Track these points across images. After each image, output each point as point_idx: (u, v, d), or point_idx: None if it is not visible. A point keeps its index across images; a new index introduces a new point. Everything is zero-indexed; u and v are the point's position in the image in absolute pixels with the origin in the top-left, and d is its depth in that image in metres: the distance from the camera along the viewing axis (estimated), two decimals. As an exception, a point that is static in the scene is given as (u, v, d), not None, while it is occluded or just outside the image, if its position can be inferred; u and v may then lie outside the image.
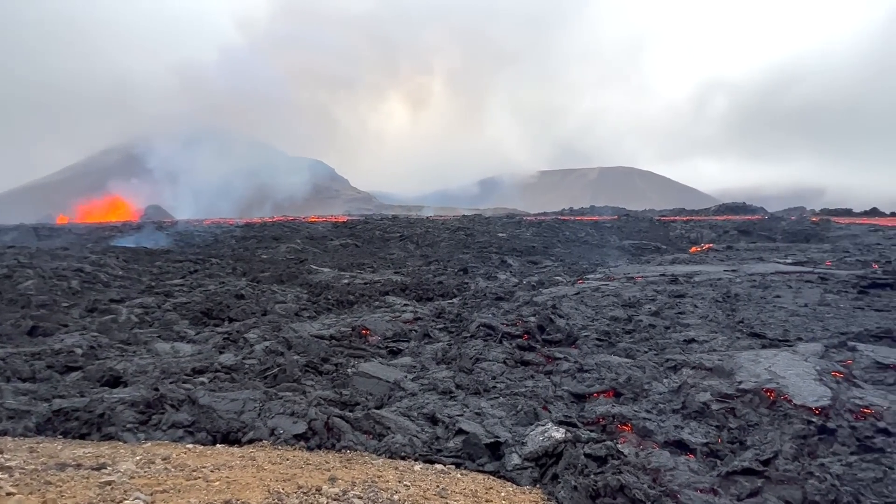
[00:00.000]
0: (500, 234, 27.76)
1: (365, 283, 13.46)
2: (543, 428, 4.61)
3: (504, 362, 6.78)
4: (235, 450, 4.60)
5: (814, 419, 4.48)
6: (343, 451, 4.71)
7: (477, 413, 5.26)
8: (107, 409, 5.11)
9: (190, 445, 4.69)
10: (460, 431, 4.89)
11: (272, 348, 7.46)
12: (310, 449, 4.70)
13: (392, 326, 8.70)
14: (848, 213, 38.33)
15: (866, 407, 4.60)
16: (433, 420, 5.21)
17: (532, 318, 8.25)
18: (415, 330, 8.67)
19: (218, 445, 4.77)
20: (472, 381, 6.16)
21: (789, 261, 14.67)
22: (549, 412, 5.34)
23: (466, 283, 13.89)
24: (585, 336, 7.78)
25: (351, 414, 5.25)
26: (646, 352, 7.04)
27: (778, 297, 9.68)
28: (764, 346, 6.68)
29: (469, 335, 7.96)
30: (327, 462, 4.37)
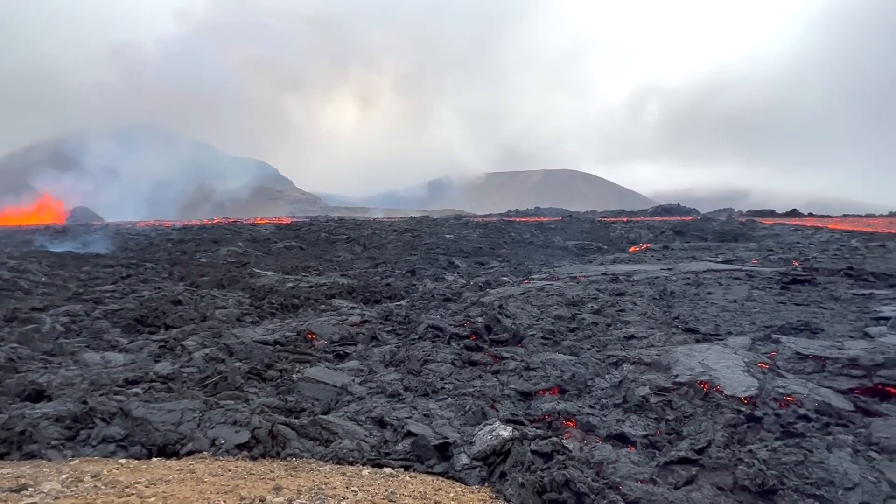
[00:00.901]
0: (448, 236, 27.90)
1: (310, 287, 13.19)
2: (491, 427, 4.67)
3: (452, 363, 6.81)
4: (173, 463, 4.40)
5: (743, 408, 4.75)
6: (289, 458, 4.59)
7: (426, 415, 5.26)
8: (28, 426, 4.76)
9: (123, 460, 4.44)
10: (409, 434, 4.88)
11: (212, 355, 7.19)
12: (253, 458, 4.56)
13: (339, 330, 8.57)
14: (771, 213, 40.94)
15: (789, 395, 4.92)
16: (381, 423, 5.16)
17: (479, 319, 8.33)
18: (362, 333, 8.57)
19: (154, 459, 4.54)
20: (420, 382, 6.15)
21: (720, 259, 15.51)
22: (497, 411, 5.40)
23: (414, 285, 13.86)
24: (531, 335, 7.93)
25: (297, 420, 5.13)
26: (589, 349, 7.25)
27: (710, 293, 10.20)
28: (698, 341, 7.02)
29: (417, 337, 7.95)
30: (272, 471, 4.24)
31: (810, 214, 40.80)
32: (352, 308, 10.75)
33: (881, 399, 5.01)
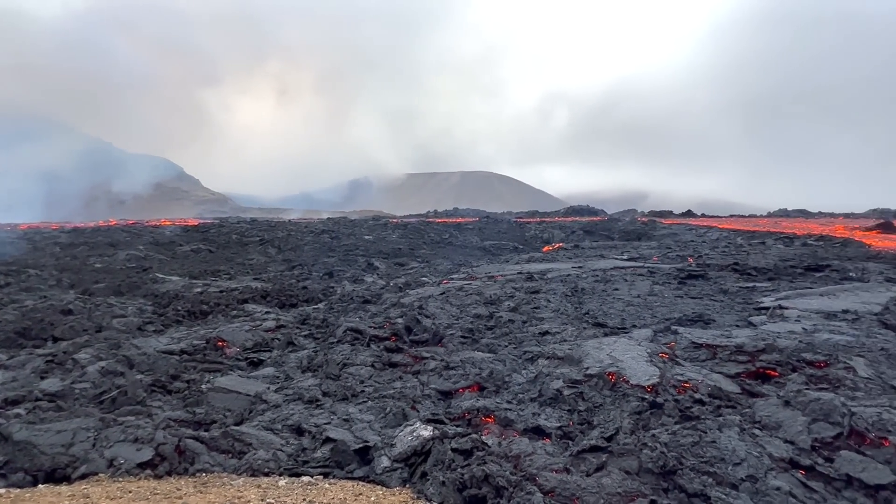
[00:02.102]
0: (367, 237, 27.58)
1: (221, 292, 12.52)
2: (412, 428, 4.67)
3: (372, 365, 6.75)
4: (64, 488, 4.00)
5: (646, 396, 5.09)
6: (198, 474, 4.33)
7: (345, 419, 5.16)
8: None
9: (2, 490, 3.98)
10: (328, 440, 4.76)
11: (109, 368, 6.62)
12: (158, 477, 4.25)
13: (252, 336, 8.20)
14: (669, 214, 44.19)
15: (686, 382, 5.33)
16: (299, 431, 5.01)
17: (399, 320, 8.31)
18: (278, 338, 8.26)
19: (41, 486, 4.12)
20: (339, 387, 6.03)
21: (625, 257, 16.52)
22: (418, 411, 5.41)
23: (332, 287, 13.57)
24: (451, 334, 8.02)
25: (206, 433, 4.85)
26: (506, 346, 7.45)
27: (616, 289, 10.83)
28: (606, 334, 7.42)
29: (336, 340, 7.79)
30: (178, 489, 3.98)
31: (703, 215, 44.47)
32: (266, 313, 10.32)
33: (763, 381, 5.56)
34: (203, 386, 6.09)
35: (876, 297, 8.93)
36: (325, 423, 5.06)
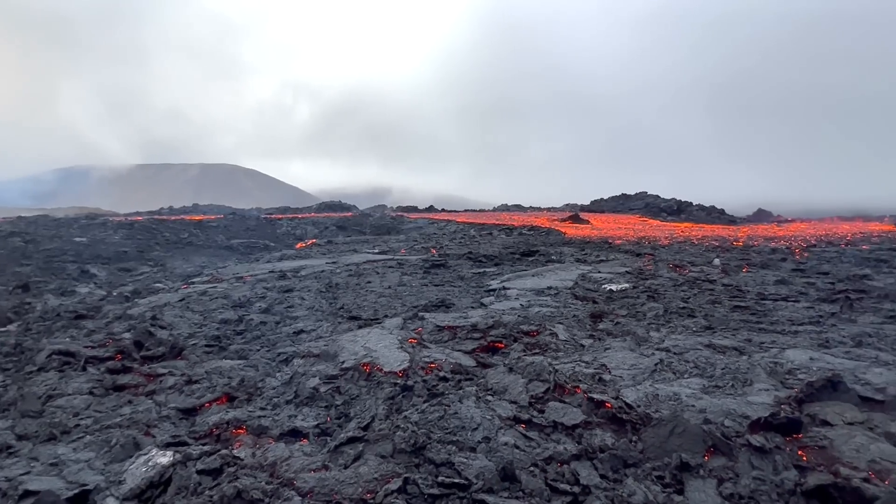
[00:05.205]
0: (79, 239, 22.94)
1: None
2: (146, 457, 4.07)
3: (91, 393, 5.65)
4: None
5: (398, 381, 5.40)
6: None
7: (53, 464, 4.22)
8: None
9: None
10: (27, 494, 3.82)
11: None
12: None
13: None
14: (415, 209, 47.67)
15: (432, 362, 5.83)
16: (-20, 492, 3.90)
17: (127, 335, 7.16)
18: (-58, 376, 6.28)
19: None
20: (42, 425, 4.89)
21: (376, 251, 17.24)
22: (154, 437, 4.74)
23: (29, 303, 10.91)
24: (193, 344, 7.24)
25: None
26: (258, 349, 7.05)
27: (369, 282, 11.22)
28: (360, 327, 7.63)
29: (36, 368, 6.30)
30: None
31: (443, 210, 49.18)
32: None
33: (492, 354, 6.43)
34: None
35: (570, 275, 11.14)
36: (23, 474, 4.05)
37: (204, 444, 4.50)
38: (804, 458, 3.89)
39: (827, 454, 3.87)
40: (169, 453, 4.06)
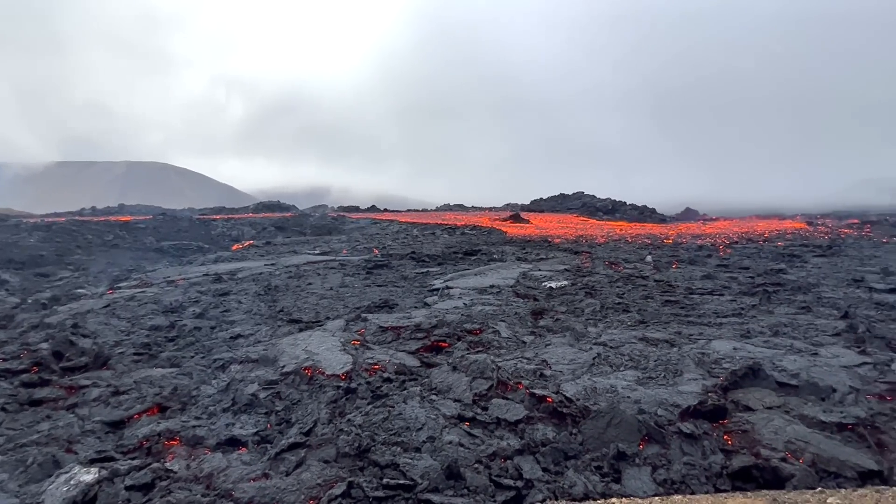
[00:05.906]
0: (-13, 243, 21.09)
1: None
2: (68, 476, 3.80)
3: (3, 409, 5.22)
4: None
5: (341, 384, 5.31)
6: None
7: (-42, 488, 3.86)
8: None
9: None
10: (-72, 523, 3.48)
11: None
12: None
13: None
14: (356, 209, 47.07)
15: (376, 364, 5.77)
16: None
17: (44, 345, 6.67)
18: None
19: None
20: (-54, 447, 4.47)
21: (317, 252, 16.89)
22: (76, 453, 4.43)
23: (-71, 314, 9.92)
24: (120, 353, 6.83)
25: None
26: (192, 356, 6.74)
27: (310, 284, 10.98)
28: (301, 330, 7.45)
29: (-62, 385, 5.75)
30: None
31: (385, 209, 48.82)
32: None
33: (436, 353, 6.44)
34: None
35: (511, 273, 11.34)
36: (-77, 502, 3.68)
37: (133, 459, 4.25)
38: (729, 442, 4.15)
39: (749, 437, 4.15)
40: (94, 470, 3.81)
